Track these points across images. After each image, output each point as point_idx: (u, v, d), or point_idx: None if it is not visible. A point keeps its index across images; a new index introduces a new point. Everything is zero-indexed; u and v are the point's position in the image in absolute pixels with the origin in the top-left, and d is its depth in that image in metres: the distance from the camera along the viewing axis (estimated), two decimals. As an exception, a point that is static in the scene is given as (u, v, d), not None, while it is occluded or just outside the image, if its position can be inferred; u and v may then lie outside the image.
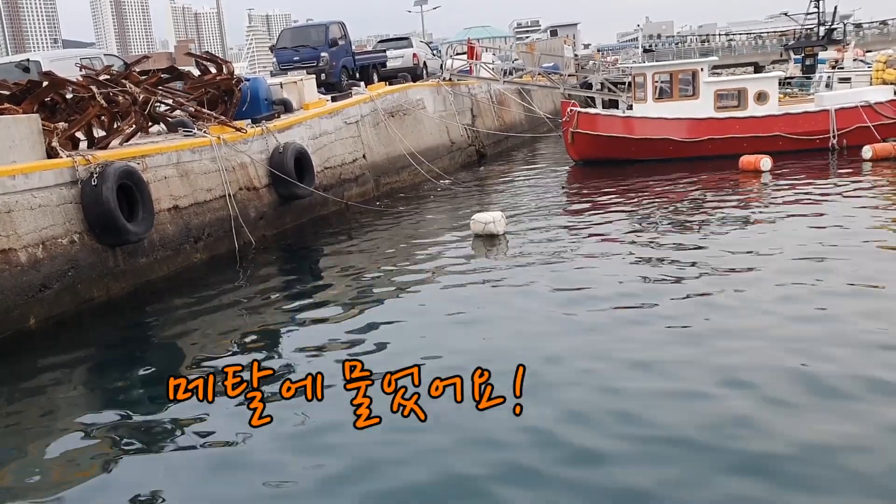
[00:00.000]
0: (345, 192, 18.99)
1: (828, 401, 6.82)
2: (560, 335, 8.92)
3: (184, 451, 6.90)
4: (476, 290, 11.01)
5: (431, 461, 6.31)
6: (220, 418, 7.27)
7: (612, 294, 10.24)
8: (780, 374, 7.32)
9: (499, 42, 66.46)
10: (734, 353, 7.96)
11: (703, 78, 23.68)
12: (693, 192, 17.81)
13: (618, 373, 7.70)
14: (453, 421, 6.67)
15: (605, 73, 39.76)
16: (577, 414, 6.85)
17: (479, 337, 9.10)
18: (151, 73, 16.28)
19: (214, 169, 14.65)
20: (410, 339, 9.19)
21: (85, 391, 8.72)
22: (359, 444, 6.50)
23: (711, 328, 8.77)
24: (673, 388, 7.23)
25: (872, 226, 13.31)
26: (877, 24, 64.05)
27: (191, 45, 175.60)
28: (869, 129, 22.10)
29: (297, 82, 20.18)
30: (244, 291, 12.40)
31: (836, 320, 8.72)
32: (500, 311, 9.95)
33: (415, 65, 29.56)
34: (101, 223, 11.57)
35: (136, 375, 8.96)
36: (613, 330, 8.97)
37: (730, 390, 7.07)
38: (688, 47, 65.16)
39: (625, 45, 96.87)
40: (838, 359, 7.61)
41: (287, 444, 6.75)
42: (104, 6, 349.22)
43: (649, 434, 6.41)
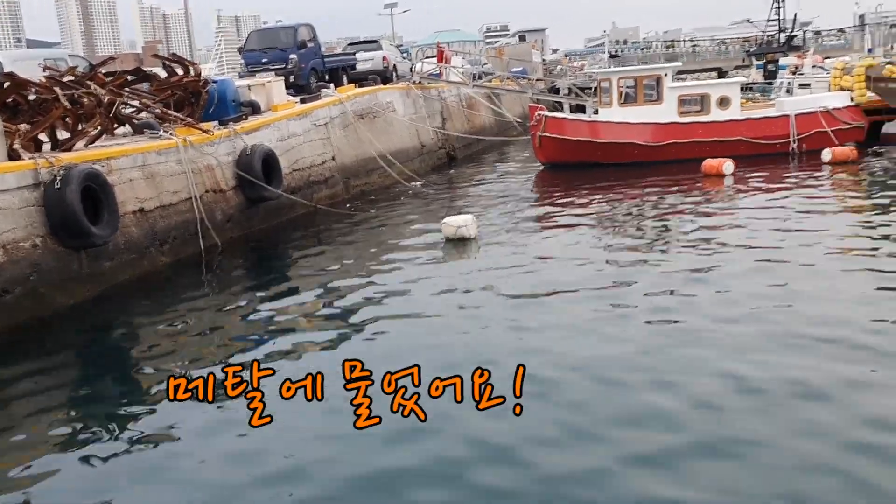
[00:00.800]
0: (314, 195, 18.99)
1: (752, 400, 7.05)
2: (534, 335, 9.09)
3: (151, 457, 6.91)
4: (448, 294, 11.08)
5: (433, 461, 6.42)
6: (191, 422, 7.30)
7: (582, 295, 10.50)
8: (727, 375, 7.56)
9: (468, 46, 66.63)
10: (700, 344, 8.26)
11: (667, 83, 24.04)
12: (657, 196, 18.09)
13: (592, 371, 7.90)
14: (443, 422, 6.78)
15: (573, 78, 40.12)
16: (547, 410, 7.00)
17: (453, 339, 9.16)
18: (117, 75, 16.18)
19: (181, 171, 14.59)
20: (378, 343, 9.24)
21: (49, 398, 8.60)
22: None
23: (675, 325, 9.02)
24: (644, 380, 7.46)
25: (832, 227, 13.65)
26: (835, 31, 65.41)
27: (158, 45, 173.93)
28: (827, 133, 22.62)
29: (265, 84, 20.14)
30: (210, 294, 12.40)
31: (785, 319, 8.97)
32: (472, 313, 10.05)
33: (385, 67, 29.60)
34: (65, 226, 11.47)
35: (101, 381, 8.95)
36: (584, 327, 9.21)
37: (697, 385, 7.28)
38: (653, 52, 65.92)
39: (592, 50, 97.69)
40: (773, 360, 7.85)
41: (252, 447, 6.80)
42: (70, 5, 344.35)
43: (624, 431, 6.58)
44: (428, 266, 12.79)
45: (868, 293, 9.77)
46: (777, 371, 7.54)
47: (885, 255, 11.48)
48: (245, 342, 9.74)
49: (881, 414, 6.60)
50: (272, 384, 6.96)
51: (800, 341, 8.30)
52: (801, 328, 8.65)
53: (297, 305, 11.22)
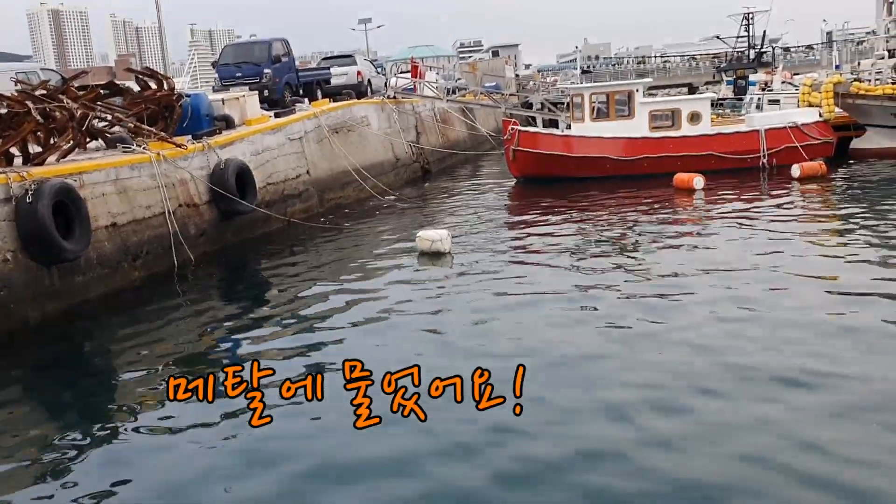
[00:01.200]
0: (288, 209, 18.98)
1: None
2: (509, 342, 9.32)
3: (119, 470, 6.88)
4: (420, 306, 11.21)
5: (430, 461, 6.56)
6: (157, 435, 7.28)
7: (554, 306, 10.74)
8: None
9: (442, 61, 67.07)
10: (664, 349, 8.46)
11: (639, 99, 24.36)
12: (629, 209, 18.33)
13: (560, 376, 8.07)
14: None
15: (545, 93, 40.49)
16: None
17: (429, 349, 9.31)
18: (90, 89, 16.08)
19: (154, 185, 14.53)
20: (349, 354, 9.23)
21: (18, 415, 8.54)
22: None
23: (644, 331, 9.34)
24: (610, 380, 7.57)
25: (798, 240, 13.97)
26: (803, 48, 66.65)
27: (131, 59, 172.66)
28: (797, 148, 23.03)
29: (239, 98, 20.11)
30: (183, 309, 12.33)
31: (751, 326, 9.25)
32: (447, 325, 10.19)
33: (359, 82, 29.72)
34: (36, 241, 11.37)
35: (72, 397, 8.87)
36: (557, 335, 9.47)
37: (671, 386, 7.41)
38: (625, 68, 66.79)
39: (564, 65, 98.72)
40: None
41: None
42: (41, 18, 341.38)
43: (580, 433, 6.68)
44: (401, 279, 12.91)
45: (830, 303, 10.07)
46: (735, 368, 7.98)
47: (849, 268, 11.76)
48: (216, 355, 9.73)
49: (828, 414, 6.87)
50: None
51: (758, 342, 8.75)
52: (759, 330, 9.15)
53: (268, 319, 11.21)
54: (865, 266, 11.82)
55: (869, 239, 13.64)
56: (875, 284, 10.74)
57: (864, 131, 25.64)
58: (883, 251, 12.73)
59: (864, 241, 13.48)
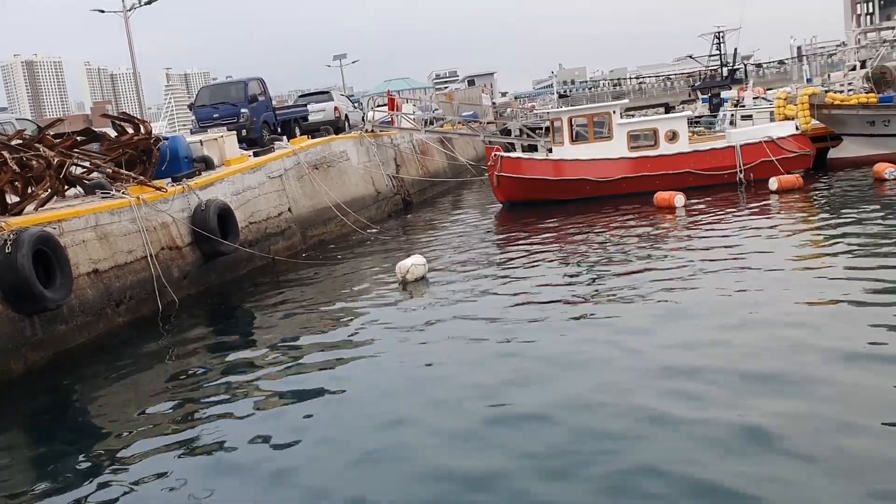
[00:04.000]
0: (271, 247, 18.90)
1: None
2: (495, 369, 9.23)
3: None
4: (405, 340, 11.13)
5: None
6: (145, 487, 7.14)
7: (540, 335, 10.62)
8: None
9: (418, 93, 67.57)
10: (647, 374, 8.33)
11: (616, 120, 24.61)
12: (613, 229, 18.43)
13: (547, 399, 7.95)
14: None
15: (524, 119, 40.79)
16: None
17: (411, 388, 9.21)
18: (66, 136, 16.02)
19: (135, 230, 14.44)
20: (339, 398, 9.14)
21: (2, 473, 8.36)
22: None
23: (630, 349, 9.27)
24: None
25: (775, 251, 14.05)
26: (776, 63, 67.68)
27: (107, 106, 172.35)
28: (773, 162, 23.28)
29: (217, 139, 20.13)
30: (168, 354, 12.19)
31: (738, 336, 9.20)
32: (427, 362, 10.07)
33: (336, 118, 29.83)
34: (17, 291, 11.23)
35: (58, 448, 8.69)
36: (541, 360, 9.41)
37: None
38: (601, 91, 67.49)
39: (541, 91, 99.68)
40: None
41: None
42: (16, 70, 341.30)
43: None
44: (382, 310, 12.92)
45: (810, 316, 10.09)
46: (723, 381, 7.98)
47: (828, 277, 11.82)
48: (204, 400, 9.57)
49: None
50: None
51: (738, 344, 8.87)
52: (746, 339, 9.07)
53: (256, 360, 11.08)
54: (843, 273, 11.93)
55: (846, 248, 13.73)
56: (854, 291, 10.79)
57: (841, 141, 25.97)
58: (860, 259, 12.83)
59: (842, 251, 13.56)
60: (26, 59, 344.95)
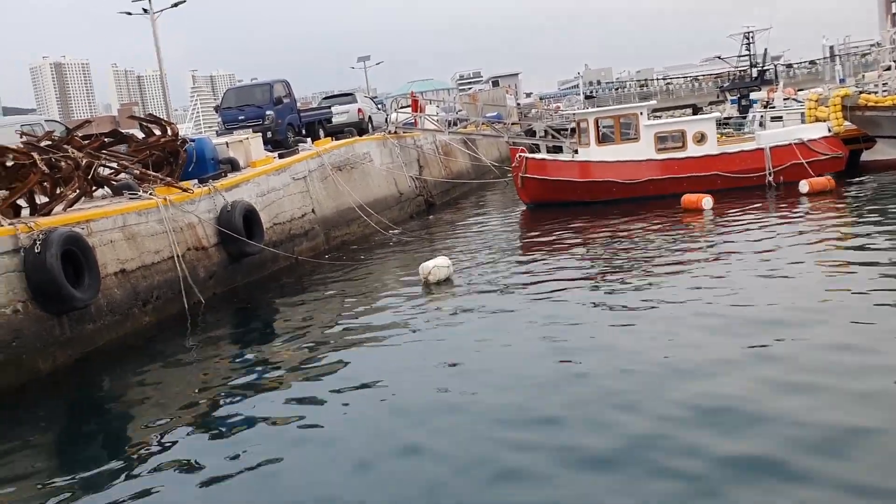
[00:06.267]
0: (295, 248, 18.93)
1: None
2: (517, 375, 9.07)
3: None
4: (428, 340, 11.10)
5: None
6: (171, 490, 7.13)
7: (564, 336, 10.49)
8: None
9: (442, 94, 67.60)
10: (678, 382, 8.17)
11: (644, 121, 24.39)
12: (639, 231, 18.22)
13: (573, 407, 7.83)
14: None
15: (549, 120, 40.63)
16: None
17: (434, 385, 9.16)
18: (94, 137, 16.14)
19: (162, 230, 14.50)
20: (367, 397, 9.11)
21: (27, 466, 8.36)
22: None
23: (656, 356, 9.04)
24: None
25: (811, 256, 13.75)
26: (806, 63, 66.82)
27: (134, 107, 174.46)
28: (803, 165, 22.91)
29: (243, 141, 20.19)
30: (195, 353, 12.22)
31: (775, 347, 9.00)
32: (451, 361, 10.00)
33: (360, 119, 29.86)
34: (46, 291, 11.30)
35: (83, 448, 8.72)
36: (566, 367, 9.21)
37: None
38: (627, 92, 67.03)
39: (566, 92, 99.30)
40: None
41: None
42: (45, 72, 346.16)
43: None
44: (406, 311, 12.84)
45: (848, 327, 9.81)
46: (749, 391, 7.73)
47: (863, 284, 11.47)
48: (231, 400, 9.56)
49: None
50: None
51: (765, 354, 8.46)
52: (780, 352, 8.79)
53: (281, 360, 11.08)
54: (877, 280, 11.60)
55: (879, 253, 13.41)
56: (890, 299, 10.53)
57: (874, 143, 25.51)
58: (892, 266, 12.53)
59: (873, 256, 13.23)
60: (54, 60, 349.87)
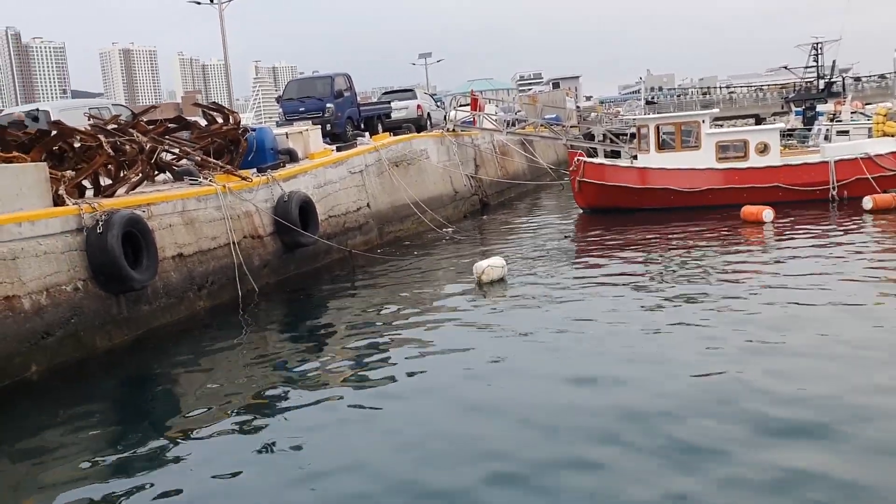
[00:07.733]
0: (348, 241, 19.06)
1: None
2: (570, 381, 8.98)
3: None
4: (480, 338, 11.06)
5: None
6: (221, 463, 7.23)
7: (616, 342, 10.37)
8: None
9: (501, 94, 67.43)
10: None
11: (705, 129, 23.94)
12: (697, 241, 17.88)
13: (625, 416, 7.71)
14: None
15: (608, 124, 40.19)
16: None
17: (485, 385, 9.16)
18: (158, 123, 16.49)
19: (219, 217, 14.74)
20: (417, 392, 9.15)
21: (83, 441, 8.55)
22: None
23: (713, 368, 8.84)
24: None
25: (873, 280, 13.27)
26: (876, 77, 64.88)
27: (198, 95, 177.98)
28: (868, 180, 22.24)
29: (302, 132, 20.40)
30: (248, 340, 12.38)
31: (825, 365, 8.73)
32: (503, 359, 9.97)
33: (419, 116, 29.94)
34: (106, 270, 11.59)
35: (136, 425, 8.90)
36: (619, 375, 9.05)
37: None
38: (689, 99, 65.90)
39: (626, 96, 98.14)
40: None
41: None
42: (113, 57, 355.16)
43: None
44: (459, 310, 12.81)
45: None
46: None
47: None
48: (281, 388, 9.67)
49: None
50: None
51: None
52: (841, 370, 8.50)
53: (331, 352, 11.18)
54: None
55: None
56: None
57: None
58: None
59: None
60: (123, 47, 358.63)
